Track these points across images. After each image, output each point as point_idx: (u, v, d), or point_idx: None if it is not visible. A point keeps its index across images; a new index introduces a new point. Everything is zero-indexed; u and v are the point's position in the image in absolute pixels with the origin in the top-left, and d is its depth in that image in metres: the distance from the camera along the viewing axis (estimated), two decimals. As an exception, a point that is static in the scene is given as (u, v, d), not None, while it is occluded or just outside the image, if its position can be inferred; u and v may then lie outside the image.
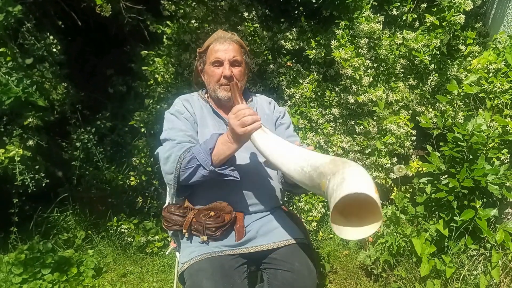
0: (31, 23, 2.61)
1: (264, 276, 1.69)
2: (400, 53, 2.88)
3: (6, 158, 2.49)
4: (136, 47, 3.25)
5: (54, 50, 2.72)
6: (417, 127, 2.88)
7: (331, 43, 2.79)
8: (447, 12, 2.83)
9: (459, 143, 2.29)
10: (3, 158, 2.48)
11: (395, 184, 3.02)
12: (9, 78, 2.43)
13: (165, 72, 3.07)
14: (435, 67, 2.95)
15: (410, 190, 3.00)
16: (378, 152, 2.91)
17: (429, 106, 3.01)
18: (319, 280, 1.73)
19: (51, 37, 2.70)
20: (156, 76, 3.07)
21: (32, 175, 2.60)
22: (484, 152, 2.32)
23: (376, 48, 2.88)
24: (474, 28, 3.11)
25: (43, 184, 2.67)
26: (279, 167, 1.45)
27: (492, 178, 2.20)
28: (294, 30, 3.00)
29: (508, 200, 2.35)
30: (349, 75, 2.77)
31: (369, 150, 2.93)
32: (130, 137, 3.37)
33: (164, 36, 3.07)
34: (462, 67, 2.93)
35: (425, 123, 2.51)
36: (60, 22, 2.92)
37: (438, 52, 2.89)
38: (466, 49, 2.94)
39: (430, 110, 2.97)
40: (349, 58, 2.73)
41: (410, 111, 2.99)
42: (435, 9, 2.90)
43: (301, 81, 3.03)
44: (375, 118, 2.92)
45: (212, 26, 2.99)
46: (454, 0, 2.78)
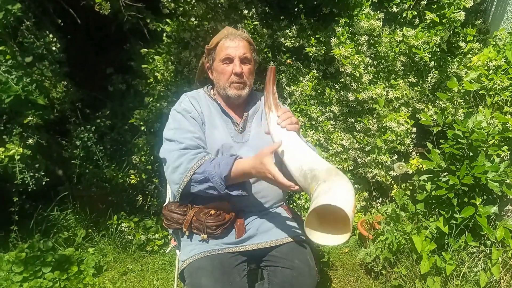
0: (30, 21, 2.60)
1: (264, 273, 1.69)
2: (400, 50, 2.88)
3: (6, 156, 2.49)
4: (136, 45, 3.24)
5: (54, 48, 2.71)
6: (417, 125, 2.88)
7: (331, 41, 2.78)
8: (447, 9, 2.82)
9: (459, 140, 2.29)
10: (3, 157, 2.48)
11: (395, 182, 3.02)
12: (9, 76, 2.42)
13: (165, 70, 3.06)
14: (435, 64, 2.95)
15: (410, 188, 3.00)
16: (378, 150, 2.91)
17: (429, 103, 3.01)
18: (319, 278, 1.73)
19: (51, 35, 2.69)
20: (156, 74, 3.07)
21: (32, 174, 2.60)
22: (484, 149, 2.31)
23: (376, 45, 2.88)
24: (474, 25, 3.11)
25: (43, 183, 2.66)
26: (285, 160, 1.49)
27: (492, 175, 2.20)
28: (294, 27, 3.00)
29: (508, 197, 2.35)
30: (349, 72, 2.76)
31: (369, 147, 2.93)
32: (130, 135, 3.37)
33: (164, 34, 3.06)
34: (462, 64, 2.93)
35: (425, 120, 2.51)
36: (60, 20, 2.91)
37: (438, 49, 2.89)
38: (466, 46, 2.94)
39: (430, 107, 2.97)
40: (349, 56, 2.73)
41: (410, 109, 2.98)
42: (435, 6, 2.89)
43: (301, 78, 3.03)
44: (375, 115, 2.92)
45: (211, 24, 2.99)
46: (454, -3, 2.79)
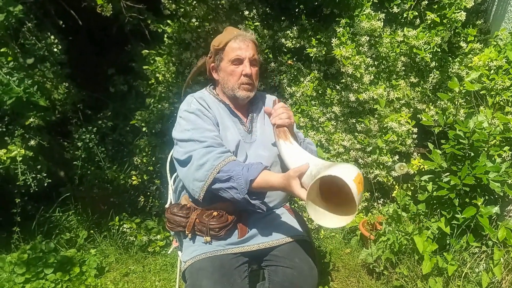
0: (32, 23, 2.61)
1: (265, 273, 1.70)
2: (401, 50, 2.88)
3: (8, 158, 2.50)
4: (137, 46, 3.25)
5: (55, 50, 2.72)
6: (418, 125, 2.88)
7: (332, 41, 2.79)
8: (448, 9, 2.82)
9: (461, 140, 2.28)
10: (5, 158, 2.48)
11: (396, 182, 3.01)
12: (11, 78, 2.43)
13: (166, 71, 3.07)
14: (436, 64, 2.95)
15: (412, 188, 2.99)
16: (380, 150, 2.90)
17: (430, 103, 3.01)
18: (320, 279, 1.73)
19: (52, 37, 2.70)
20: (157, 75, 3.07)
21: (34, 175, 2.61)
22: (486, 149, 2.31)
23: (377, 46, 2.88)
24: (475, 25, 3.11)
25: (45, 184, 2.67)
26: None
27: (493, 176, 2.19)
28: (295, 28, 3.00)
29: (510, 197, 2.35)
30: (350, 73, 2.76)
31: (370, 148, 2.93)
32: (132, 136, 3.38)
33: (165, 35, 3.07)
34: (463, 64, 2.93)
35: (426, 120, 2.51)
36: (61, 22, 2.92)
37: (439, 50, 2.89)
38: (467, 46, 2.93)
39: (431, 107, 2.97)
40: (350, 56, 2.73)
41: (411, 109, 2.98)
42: (436, 6, 2.89)
43: (302, 79, 3.03)
44: (376, 116, 2.92)
45: (212, 25, 2.99)
46: (455, -3, 2.78)
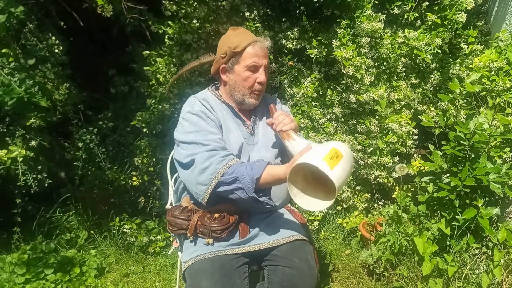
0: (33, 23, 2.62)
1: (265, 273, 1.70)
2: (402, 52, 2.88)
3: (9, 158, 2.50)
4: (138, 47, 3.26)
5: (56, 50, 2.72)
6: (419, 126, 2.88)
7: (333, 42, 2.79)
8: (448, 10, 2.82)
9: (461, 142, 2.28)
10: (5, 159, 2.49)
11: (397, 183, 3.01)
12: (12, 78, 2.43)
13: (167, 72, 3.07)
14: (437, 65, 2.95)
15: (412, 189, 2.99)
16: (380, 151, 2.90)
17: (431, 105, 3.01)
18: (320, 279, 1.73)
19: (53, 38, 2.71)
20: (158, 76, 3.08)
21: (34, 176, 2.61)
22: (486, 150, 2.31)
23: (378, 47, 2.88)
24: (476, 27, 3.11)
25: (46, 185, 2.67)
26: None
27: (494, 177, 2.19)
28: (296, 29, 3.00)
29: (510, 198, 2.35)
30: (351, 74, 2.77)
31: (371, 149, 2.93)
32: (132, 137, 3.38)
33: (166, 36, 3.08)
34: (464, 65, 2.93)
35: (427, 122, 2.51)
36: (62, 23, 2.92)
37: (439, 51, 2.89)
38: (467, 47, 2.93)
39: (432, 109, 2.96)
40: (351, 57, 2.73)
41: (412, 110, 2.98)
42: (437, 7, 2.89)
43: (302, 80, 3.03)
44: (376, 117, 2.92)
45: (213, 26, 3.00)
46: (455, -2, 2.79)
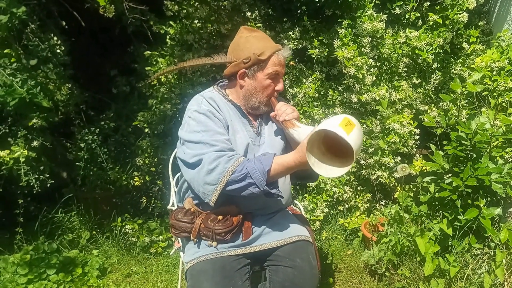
0: (35, 24, 2.62)
1: (266, 273, 1.70)
2: (403, 51, 2.88)
3: (11, 159, 2.51)
4: (140, 48, 3.26)
5: (58, 51, 2.73)
6: (420, 126, 2.88)
7: (334, 42, 2.79)
8: (450, 10, 2.82)
9: (463, 142, 2.28)
10: (8, 159, 2.50)
11: (398, 183, 3.01)
12: (14, 79, 2.44)
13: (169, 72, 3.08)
14: (438, 65, 2.95)
15: (414, 189, 2.99)
16: (382, 151, 2.90)
17: (433, 105, 3.01)
18: (322, 279, 1.73)
19: (55, 38, 2.71)
20: (160, 76, 3.08)
21: (37, 176, 2.62)
22: (488, 150, 2.31)
23: (379, 47, 2.88)
24: (478, 26, 3.11)
25: (48, 185, 2.68)
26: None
27: (496, 177, 2.19)
28: (297, 29, 3.00)
29: (512, 199, 2.35)
30: (352, 74, 2.77)
31: (373, 149, 2.93)
32: (134, 137, 3.38)
33: (167, 36, 3.08)
34: (465, 65, 2.92)
35: (429, 122, 2.51)
36: (64, 23, 2.93)
37: (441, 51, 2.89)
38: (469, 47, 2.93)
39: (434, 109, 2.96)
40: (352, 57, 2.73)
41: (414, 110, 2.98)
42: (438, 7, 2.89)
43: (304, 80, 3.03)
44: (378, 117, 2.92)
45: (215, 26, 3.00)
46: (457, -2, 2.78)
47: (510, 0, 2.95)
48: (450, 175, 2.34)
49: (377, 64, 2.90)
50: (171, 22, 3.03)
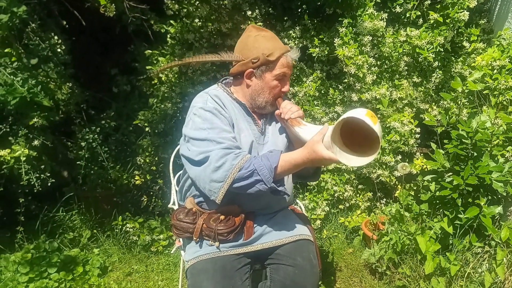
0: (35, 23, 2.62)
1: (267, 271, 1.70)
2: (404, 50, 2.88)
3: (12, 158, 2.51)
4: (140, 47, 3.26)
5: (59, 50, 2.73)
6: (421, 125, 2.88)
7: (335, 41, 2.79)
8: (451, 9, 2.82)
9: (463, 140, 2.28)
10: (9, 158, 2.50)
11: (399, 182, 3.01)
12: (14, 78, 2.44)
13: (169, 72, 3.08)
14: (439, 64, 2.95)
15: (414, 188, 2.99)
16: (382, 150, 2.90)
17: (433, 103, 3.01)
18: (323, 278, 1.74)
19: (56, 37, 2.71)
20: (160, 75, 3.08)
21: (37, 175, 2.62)
22: (489, 149, 2.31)
23: (380, 45, 2.88)
24: (478, 25, 3.10)
25: (49, 184, 2.68)
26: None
27: (496, 176, 2.19)
28: (298, 28, 3.00)
29: (513, 197, 2.35)
30: (353, 73, 2.76)
31: (373, 148, 2.93)
32: (135, 136, 3.39)
33: (168, 35, 3.08)
34: (466, 64, 2.92)
35: (429, 120, 2.51)
36: (65, 22, 2.93)
37: (442, 49, 2.89)
38: (470, 46, 2.93)
39: (434, 107, 2.96)
40: (353, 56, 2.73)
41: (414, 109, 2.98)
42: (439, 6, 2.89)
43: (304, 79, 3.03)
44: (379, 116, 2.92)
45: (215, 25, 3.00)
46: (458, -3, 2.78)
47: (511, -1, 2.95)
48: (450, 173, 2.34)
49: (378, 62, 2.90)
50: (171, 21, 3.03)
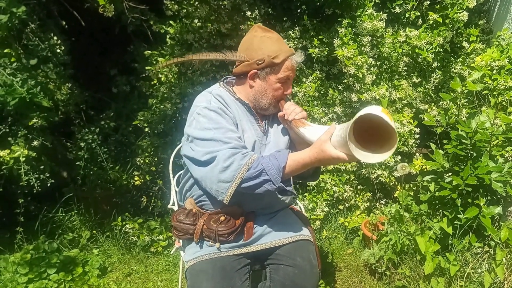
0: (35, 23, 2.62)
1: (267, 272, 1.70)
2: (403, 51, 2.88)
3: (11, 158, 2.51)
4: (140, 47, 3.26)
5: (58, 50, 2.73)
6: (420, 125, 2.88)
7: (334, 42, 2.79)
8: (450, 9, 2.82)
9: (463, 140, 2.28)
10: (8, 159, 2.50)
11: (398, 182, 3.01)
12: (14, 79, 2.44)
13: (169, 72, 3.08)
14: (438, 64, 2.95)
15: (414, 188, 2.99)
16: (382, 150, 2.90)
17: (433, 104, 3.01)
18: (322, 278, 1.73)
19: (55, 38, 2.71)
20: (160, 75, 3.08)
21: (37, 175, 2.62)
22: (488, 149, 2.31)
23: (379, 46, 2.88)
24: (478, 25, 3.10)
25: (48, 184, 2.68)
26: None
27: (496, 176, 2.19)
28: (297, 28, 3.00)
29: (512, 197, 2.35)
30: (352, 73, 2.77)
31: (373, 148, 2.93)
32: (134, 136, 3.39)
33: (167, 36, 3.08)
34: (465, 64, 2.93)
35: (429, 121, 2.51)
36: (64, 23, 2.93)
37: (441, 50, 2.89)
38: (469, 46, 2.93)
39: (434, 108, 2.96)
40: (352, 56, 2.73)
41: (414, 109, 2.98)
42: (438, 6, 2.89)
43: (304, 79, 3.03)
44: (378, 116, 2.92)
45: (215, 26, 3.00)
46: (457, -3, 2.78)
47: (510, -1, 2.95)
48: (450, 174, 2.34)
49: (377, 63, 2.90)
50: (171, 22, 3.03)
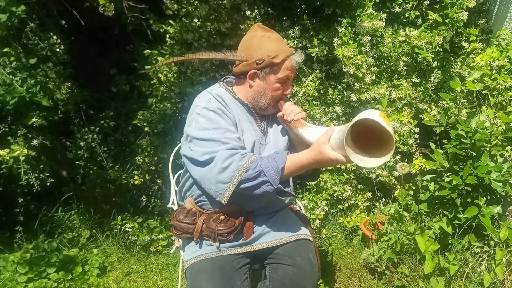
0: (34, 23, 2.62)
1: (266, 271, 1.70)
2: (403, 50, 2.88)
3: (11, 157, 2.51)
4: (139, 46, 3.26)
5: (58, 50, 2.73)
6: (420, 125, 2.88)
7: (334, 41, 2.79)
8: (449, 9, 2.82)
9: (463, 140, 2.28)
10: (8, 158, 2.50)
11: (398, 182, 3.02)
12: (13, 78, 2.44)
13: (168, 71, 3.08)
14: (438, 64, 2.95)
15: (414, 188, 2.99)
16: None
17: (432, 103, 3.01)
18: (322, 278, 1.73)
19: (55, 37, 2.71)
20: (159, 75, 3.08)
21: (36, 175, 2.62)
22: (488, 149, 2.31)
23: (379, 45, 2.88)
24: (477, 25, 3.11)
25: (48, 184, 2.68)
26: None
27: (495, 176, 2.20)
28: (297, 28, 3.00)
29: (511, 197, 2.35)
30: (352, 73, 2.77)
31: (372, 148, 2.93)
32: (134, 136, 3.38)
33: (167, 35, 3.08)
34: (465, 64, 2.93)
35: (428, 120, 2.51)
36: (64, 22, 2.93)
37: (441, 49, 2.89)
38: (469, 46, 2.93)
39: (433, 107, 2.96)
40: (352, 56, 2.73)
41: (413, 109, 2.98)
42: (438, 6, 2.89)
43: (303, 79, 3.03)
44: (378, 115, 2.92)
45: (214, 25, 3.00)
46: (457, -3, 2.78)
47: (510, -1, 2.95)
48: (450, 173, 2.34)
49: (377, 62, 2.90)
50: (170, 21, 3.02)
